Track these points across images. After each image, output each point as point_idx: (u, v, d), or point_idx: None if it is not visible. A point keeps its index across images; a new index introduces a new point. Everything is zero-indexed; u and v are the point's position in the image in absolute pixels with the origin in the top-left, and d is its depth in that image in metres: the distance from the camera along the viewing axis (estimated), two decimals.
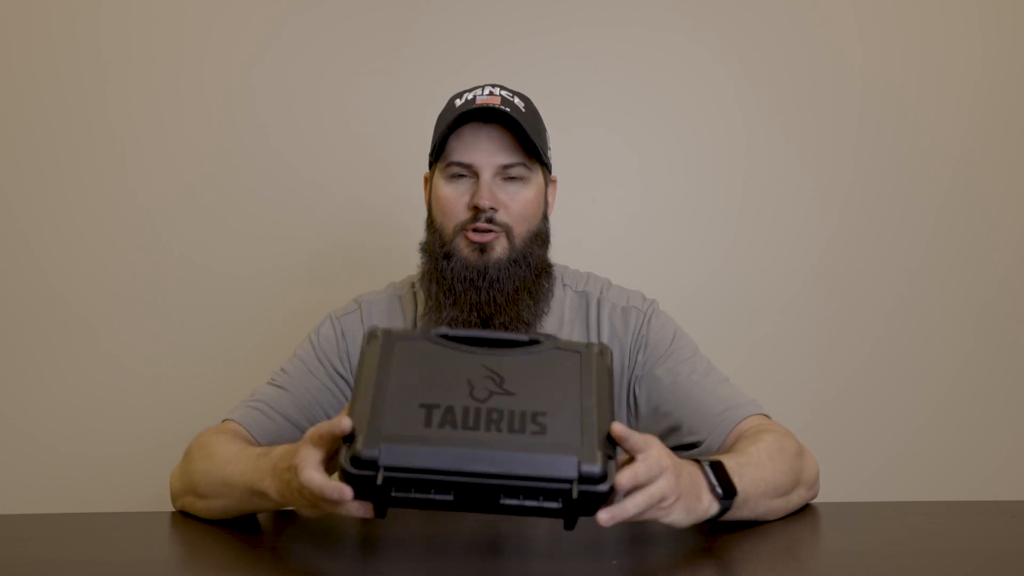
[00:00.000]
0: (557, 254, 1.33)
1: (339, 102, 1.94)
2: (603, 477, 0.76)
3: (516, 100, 1.24)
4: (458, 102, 1.24)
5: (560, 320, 1.28)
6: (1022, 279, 1.98)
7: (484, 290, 1.20)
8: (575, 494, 0.75)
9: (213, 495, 1.05)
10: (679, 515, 0.89)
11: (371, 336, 0.85)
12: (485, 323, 1.21)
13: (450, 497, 0.76)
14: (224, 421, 1.23)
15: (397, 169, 1.91)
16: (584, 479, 0.75)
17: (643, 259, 1.95)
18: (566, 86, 1.93)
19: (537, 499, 0.76)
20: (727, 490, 0.94)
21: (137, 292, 1.92)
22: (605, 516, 0.79)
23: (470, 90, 1.25)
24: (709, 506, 0.93)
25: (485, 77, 1.36)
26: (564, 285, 1.31)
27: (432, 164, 1.27)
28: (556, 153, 1.34)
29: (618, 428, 0.83)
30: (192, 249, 1.93)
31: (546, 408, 0.79)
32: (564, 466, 0.75)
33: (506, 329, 1.20)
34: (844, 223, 1.97)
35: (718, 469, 0.96)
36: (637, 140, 1.96)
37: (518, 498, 0.76)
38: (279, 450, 0.95)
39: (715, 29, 1.96)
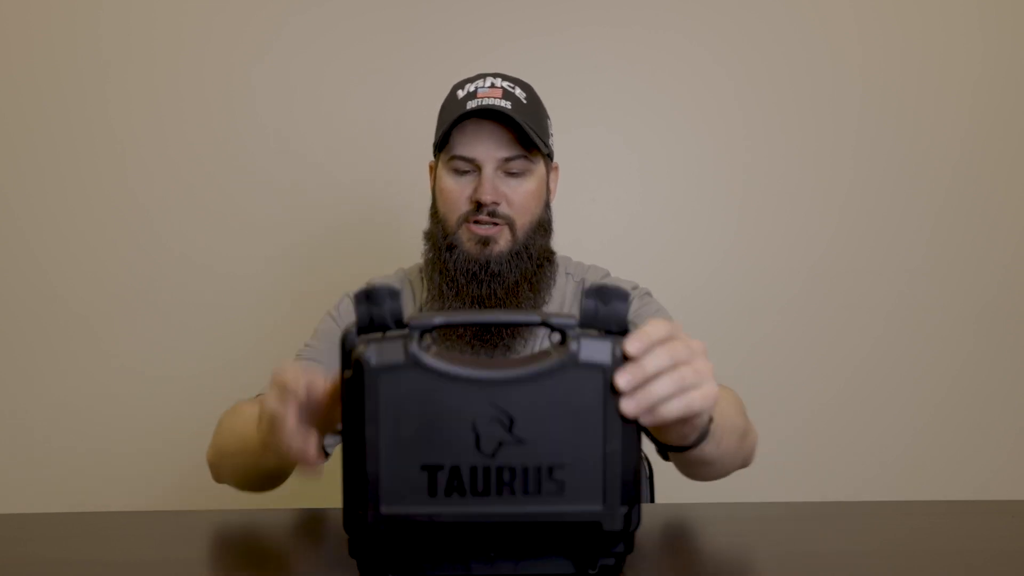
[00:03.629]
0: (558, 252, 1.34)
1: (339, 102, 1.94)
2: (624, 533, 0.73)
3: (517, 91, 1.25)
4: (460, 93, 1.26)
5: (560, 307, 1.31)
6: (1022, 279, 1.98)
7: (486, 283, 1.22)
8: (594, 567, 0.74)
9: (232, 452, 1.10)
10: (710, 386, 0.74)
11: (352, 363, 0.70)
12: None
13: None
14: (259, 396, 1.24)
15: (398, 170, 1.91)
16: (606, 537, 0.73)
17: (643, 259, 1.95)
18: (566, 86, 1.93)
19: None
20: None
21: (137, 292, 1.92)
22: (630, 406, 0.70)
23: (472, 80, 1.27)
24: None
25: None
26: (567, 274, 1.34)
27: (436, 154, 1.29)
28: (556, 154, 1.34)
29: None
30: (192, 249, 1.93)
31: (563, 459, 0.71)
32: (583, 532, 0.72)
33: None
34: (844, 223, 1.97)
35: None
36: (637, 140, 1.96)
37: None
38: None
39: (715, 29, 1.96)
